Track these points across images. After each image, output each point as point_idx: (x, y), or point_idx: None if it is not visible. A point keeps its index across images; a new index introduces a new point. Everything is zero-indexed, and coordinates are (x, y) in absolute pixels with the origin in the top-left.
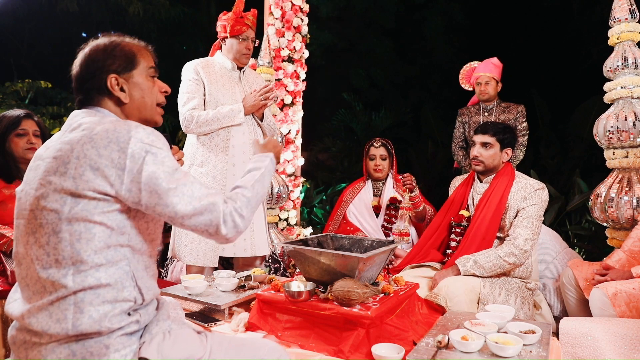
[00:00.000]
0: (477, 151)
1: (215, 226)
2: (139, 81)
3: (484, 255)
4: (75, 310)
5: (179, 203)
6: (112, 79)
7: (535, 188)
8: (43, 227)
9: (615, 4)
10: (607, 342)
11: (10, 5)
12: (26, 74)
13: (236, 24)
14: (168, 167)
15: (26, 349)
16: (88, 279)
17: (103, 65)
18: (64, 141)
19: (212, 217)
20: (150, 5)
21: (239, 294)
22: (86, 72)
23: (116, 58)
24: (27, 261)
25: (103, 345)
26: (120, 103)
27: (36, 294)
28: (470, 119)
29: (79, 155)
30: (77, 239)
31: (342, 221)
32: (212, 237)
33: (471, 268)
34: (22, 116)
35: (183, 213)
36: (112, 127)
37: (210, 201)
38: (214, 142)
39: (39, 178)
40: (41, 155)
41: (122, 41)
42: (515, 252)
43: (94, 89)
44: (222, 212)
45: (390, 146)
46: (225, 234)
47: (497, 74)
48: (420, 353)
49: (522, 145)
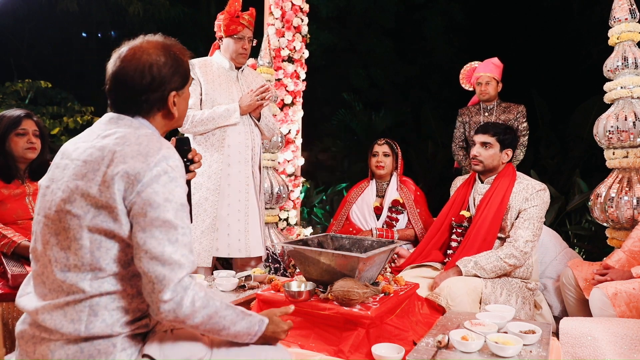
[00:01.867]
0: (477, 151)
1: (163, 286)
2: (186, 96)
3: (484, 257)
4: (89, 313)
5: (155, 238)
6: (173, 96)
7: (537, 189)
8: (66, 230)
9: (615, 4)
10: (607, 342)
11: (10, 5)
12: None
13: (231, 24)
14: (176, 197)
15: (34, 344)
16: (105, 285)
17: (170, 81)
18: (97, 146)
19: (168, 276)
20: (150, 5)
21: (239, 294)
22: (148, 85)
23: (179, 76)
24: (44, 260)
25: (111, 344)
26: (169, 117)
27: (52, 292)
28: (471, 119)
29: (109, 164)
30: (98, 247)
31: (346, 222)
32: (151, 295)
33: (472, 269)
34: (22, 116)
35: (148, 248)
36: (145, 142)
37: (181, 262)
38: (209, 142)
39: (67, 180)
40: (70, 155)
41: (182, 56)
42: (515, 254)
43: (149, 102)
44: (180, 281)
45: (395, 145)
46: (167, 299)
47: (497, 74)
48: (420, 353)
49: (522, 145)
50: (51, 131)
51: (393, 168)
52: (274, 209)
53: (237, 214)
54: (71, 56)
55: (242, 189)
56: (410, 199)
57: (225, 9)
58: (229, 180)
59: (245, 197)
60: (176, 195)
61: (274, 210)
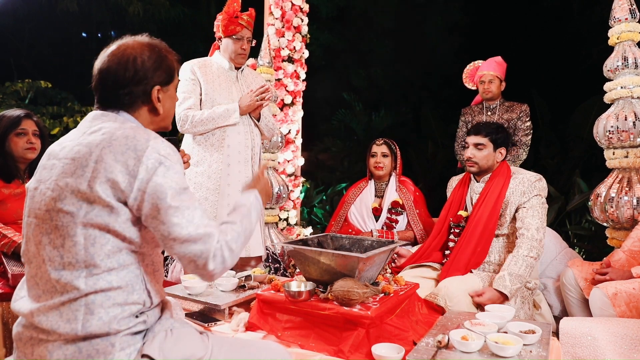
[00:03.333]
0: (471, 152)
1: (204, 259)
2: (172, 94)
3: (513, 264)
4: (85, 312)
5: (176, 224)
6: (157, 90)
7: (533, 180)
8: (59, 229)
9: (615, 4)
10: (607, 342)
11: (10, 5)
12: (26, 74)
13: (230, 24)
14: (177, 183)
15: (32, 346)
16: (100, 282)
17: (152, 76)
18: (83, 143)
19: (204, 249)
20: (150, 5)
21: (239, 293)
22: (131, 78)
23: (163, 71)
24: (38, 261)
25: (109, 344)
26: (154, 113)
27: (46, 293)
28: (473, 118)
29: (97, 159)
30: (92, 243)
31: (344, 223)
32: (197, 270)
33: (511, 283)
34: (22, 116)
35: (176, 235)
36: (132, 134)
37: (207, 232)
38: (209, 142)
39: (55, 179)
40: (57, 155)
41: (167, 53)
42: (534, 245)
43: (133, 95)
44: (214, 246)
45: (393, 145)
46: (213, 269)
47: (500, 73)
48: (420, 353)
49: (525, 145)
50: (51, 131)
51: (392, 168)
52: (274, 209)
53: None
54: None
55: (242, 189)
56: (409, 200)
57: (224, 9)
58: (228, 180)
59: None
60: (177, 180)
61: (274, 210)
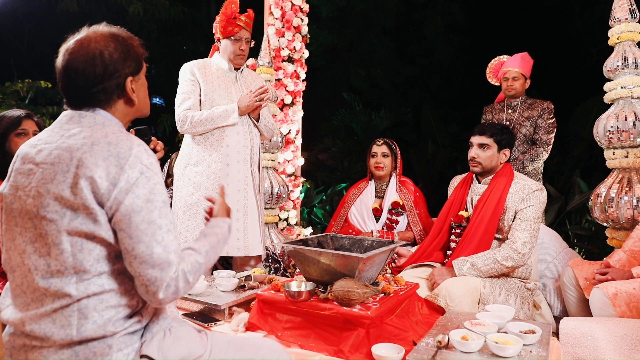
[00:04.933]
0: (475, 152)
1: (157, 287)
2: (143, 82)
3: (481, 258)
4: (79, 317)
5: (142, 242)
6: (130, 81)
7: (534, 189)
8: (43, 237)
9: (615, 4)
10: (607, 342)
11: (10, 5)
12: (26, 74)
13: (228, 25)
14: (154, 196)
15: (26, 352)
16: (91, 287)
17: (123, 67)
18: (63, 147)
19: (159, 277)
20: (150, 5)
21: (239, 294)
22: (102, 74)
23: (132, 60)
24: (22, 270)
25: (106, 345)
26: (130, 104)
27: (35, 301)
28: (494, 117)
29: (78, 164)
30: (79, 249)
31: (344, 223)
32: (146, 295)
33: (467, 271)
34: (22, 116)
35: (138, 253)
36: (114, 140)
37: (169, 259)
38: (208, 142)
39: (35, 185)
40: (33, 159)
41: (131, 41)
42: (513, 256)
43: (107, 91)
44: (170, 276)
45: (394, 145)
46: (162, 298)
47: (526, 70)
48: (420, 353)
49: (545, 144)
50: None
51: (392, 168)
52: (274, 209)
53: (236, 214)
54: None
55: (241, 188)
56: (409, 200)
57: (222, 11)
58: (227, 180)
59: (244, 196)
60: (156, 194)
61: (274, 210)
